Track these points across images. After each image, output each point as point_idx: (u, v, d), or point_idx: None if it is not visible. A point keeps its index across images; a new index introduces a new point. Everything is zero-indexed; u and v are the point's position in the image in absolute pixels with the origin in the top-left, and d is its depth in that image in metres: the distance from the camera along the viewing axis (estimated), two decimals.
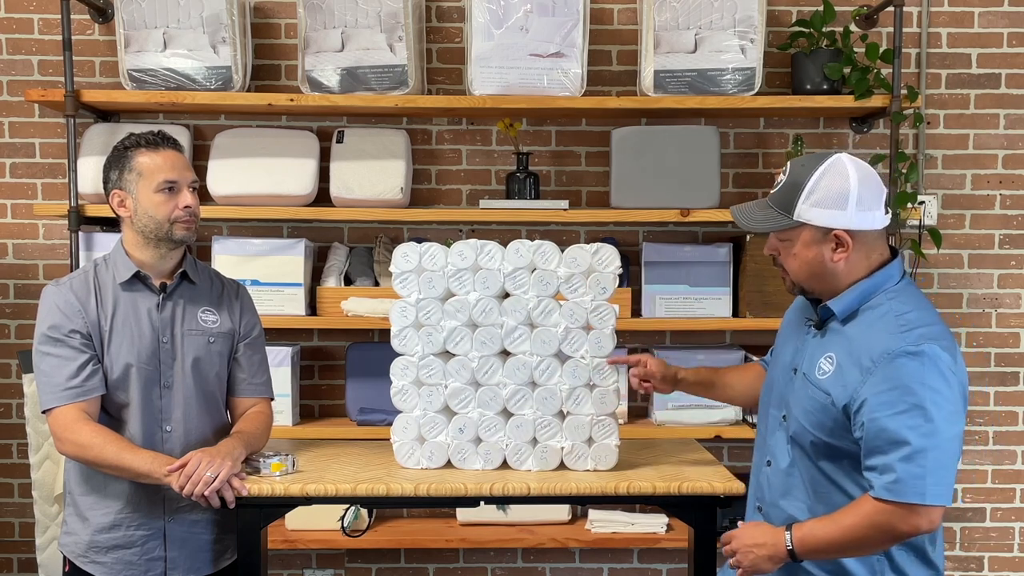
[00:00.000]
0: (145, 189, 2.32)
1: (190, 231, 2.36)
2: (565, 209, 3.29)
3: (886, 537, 1.89)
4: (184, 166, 2.37)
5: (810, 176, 1.96)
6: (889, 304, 1.96)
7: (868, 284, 1.98)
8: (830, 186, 1.95)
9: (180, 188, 2.34)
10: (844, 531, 1.91)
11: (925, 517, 1.86)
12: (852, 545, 1.92)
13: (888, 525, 1.87)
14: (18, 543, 3.55)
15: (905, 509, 1.85)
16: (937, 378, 1.86)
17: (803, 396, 2.02)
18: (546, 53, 3.21)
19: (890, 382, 1.87)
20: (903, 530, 1.88)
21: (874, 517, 1.87)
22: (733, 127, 3.56)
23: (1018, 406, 3.60)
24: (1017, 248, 3.58)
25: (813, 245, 1.98)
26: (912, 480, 1.84)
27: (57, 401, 2.28)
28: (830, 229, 1.96)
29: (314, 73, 3.26)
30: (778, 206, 2.00)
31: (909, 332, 1.90)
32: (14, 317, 3.54)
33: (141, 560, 2.35)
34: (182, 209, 2.33)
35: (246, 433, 2.41)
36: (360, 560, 3.59)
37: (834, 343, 2.00)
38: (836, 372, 1.96)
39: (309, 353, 3.57)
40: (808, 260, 1.99)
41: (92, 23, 3.47)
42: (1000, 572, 3.63)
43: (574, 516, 3.51)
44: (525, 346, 2.42)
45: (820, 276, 2.00)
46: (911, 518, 1.86)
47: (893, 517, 1.86)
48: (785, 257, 2.04)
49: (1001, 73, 3.55)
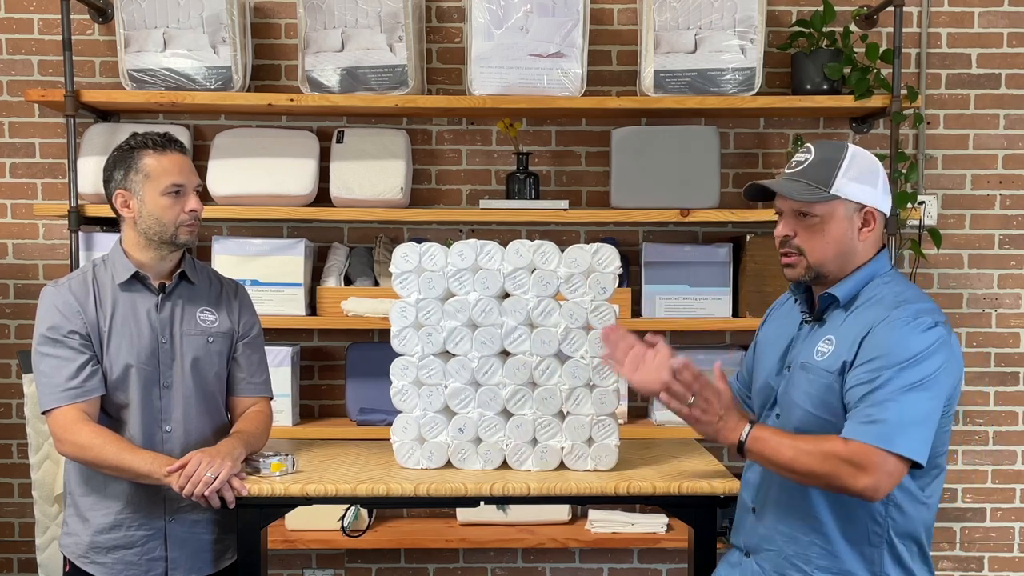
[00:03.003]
0: (151, 191, 2.32)
1: (193, 235, 2.37)
2: (565, 209, 3.29)
3: (832, 473, 1.87)
4: (190, 170, 2.38)
5: (845, 153, 2.02)
6: (886, 288, 2.01)
7: (868, 269, 2.03)
8: (864, 163, 2.02)
9: (187, 192, 2.34)
10: (796, 453, 1.91)
11: (881, 469, 1.84)
12: (795, 469, 1.92)
13: (840, 461, 1.85)
14: (18, 543, 3.55)
15: (864, 453, 1.84)
16: (928, 341, 1.89)
17: (804, 384, 2.02)
18: (546, 53, 3.21)
19: (883, 340, 1.90)
20: (850, 472, 1.85)
21: (832, 451, 1.87)
22: (733, 127, 3.56)
23: (1018, 406, 3.60)
24: (1017, 248, 3.58)
25: (844, 220, 2.01)
26: (879, 424, 1.85)
27: (57, 402, 2.28)
28: (863, 206, 2.01)
29: (314, 73, 3.26)
30: (813, 181, 2.00)
31: (907, 306, 1.94)
32: (14, 317, 3.54)
33: (142, 560, 2.35)
34: (187, 213, 2.33)
35: (246, 433, 2.41)
36: (360, 560, 3.59)
37: (832, 328, 2.02)
38: (835, 350, 1.98)
39: (309, 353, 3.57)
40: (838, 237, 2.01)
41: (92, 23, 3.47)
42: (1000, 572, 3.63)
43: (574, 516, 3.51)
44: (525, 346, 2.42)
45: (844, 255, 2.02)
46: (866, 463, 1.84)
47: (852, 456, 1.85)
48: (809, 236, 2.02)
49: (1001, 73, 3.55)
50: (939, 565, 3.62)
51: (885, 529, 1.98)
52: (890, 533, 1.98)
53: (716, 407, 2.00)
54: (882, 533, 1.98)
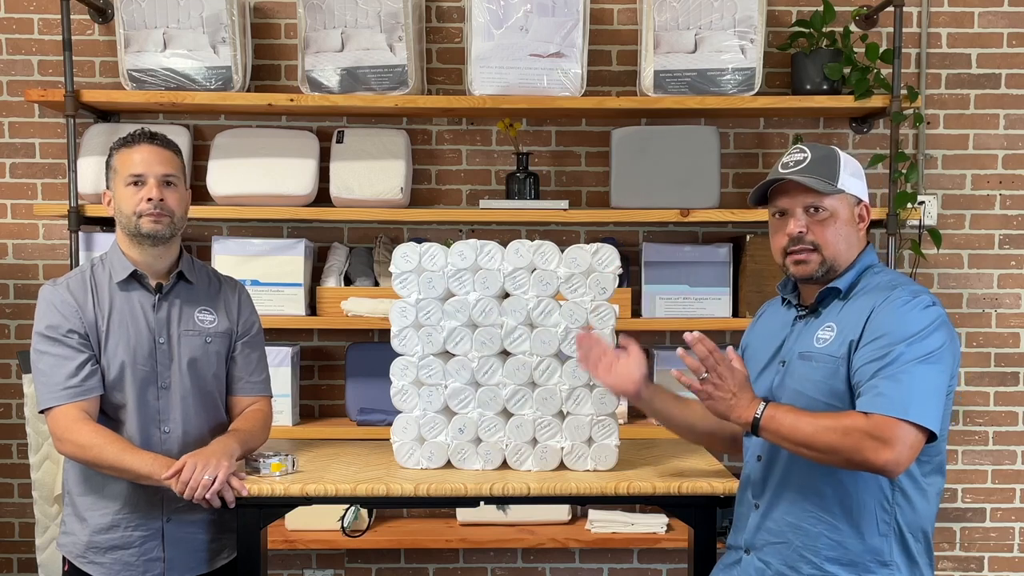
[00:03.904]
0: (119, 184, 2.35)
1: (159, 224, 2.32)
2: (565, 209, 3.29)
3: (855, 447, 1.87)
4: (156, 160, 2.34)
5: (837, 151, 2.09)
6: (878, 277, 2.07)
7: (863, 261, 2.09)
8: (853, 162, 2.11)
9: (146, 181, 2.32)
10: (816, 429, 1.90)
11: (903, 442, 1.85)
12: (815, 445, 1.91)
13: (863, 435, 1.85)
14: (18, 543, 3.55)
15: (886, 425, 1.85)
16: (931, 318, 1.93)
17: (806, 372, 2.03)
18: (546, 53, 3.21)
19: (887, 318, 1.94)
20: (873, 447, 1.85)
21: (853, 425, 1.87)
22: (733, 127, 3.56)
23: (1018, 406, 3.60)
24: (1017, 248, 3.58)
25: (848, 214, 2.08)
26: (896, 396, 1.86)
27: (56, 400, 2.28)
28: (860, 200, 2.09)
29: (314, 73, 3.26)
30: (821, 176, 2.04)
31: (905, 287, 2.00)
32: (14, 317, 3.54)
33: (139, 561, 2.35)
34: (147, 202, 2.30)
35: (242, 431, 2.41)
36: (360, 560, 3.59)
37: (830, 317, 2.05)
38: (838, 335, 2.00)
39: (309, 353, 3.57)
40: (845, 231, 2.06)
41: (92, 23, 3.47)
42: (1000, 572, 3.63)
43: (574, 516, 3.51)
44: (525, 346, 2.42)
45: (851, 248, 2.07)
46: (888, 435, 1.84)
47: (874, 429, 1.85)
48: (822, 230, 2.05)
49: (1001, 73, 3.55)
50: (939, 565, 3.62)
51: (892, 517, 1.99)
52: (898, 522, 1.99)
53: (730, 383, 1.99)
54: (890, 522, 1.99)
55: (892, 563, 2.00)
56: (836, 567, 2.00)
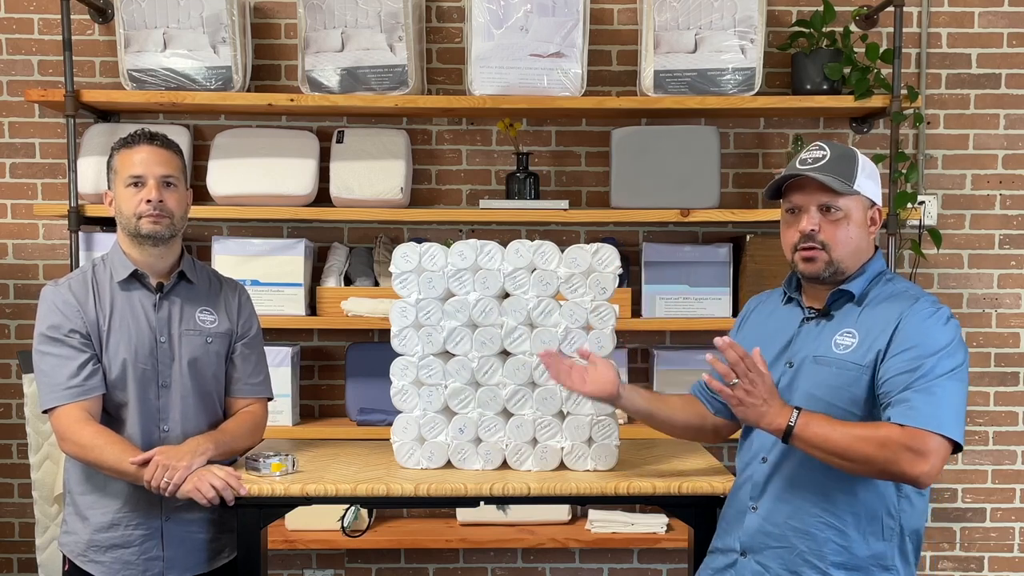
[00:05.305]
0: (119, 185, 2.36)
1: (159, 226, 2.33)
2: (565, 209, 3.29)
3: (891, 459, 1.86)
4: (156, 161, 2.35)
5: (855, 151, 2.07)
6: (893, 285, 2.07)
7: (875, 266, 2.08)
8: (870, 164, 2.07)
9: (145, 182, 2.33)
10: (851, 440, 1.89)
11: (937, 455, 1.86)
12: (849, 455, 1.90)
13: (900, 447, 1.85)
14: (18, 543, 3.55)
15: (921, 438, 1.85)
16: (952, 334, 1.96)
17: (822, 376, 2.02)
18: (546, 53, 3.21)
19: (915, 331, 1.95)
20: (910, 459, 1.85)
21: (889, 436, 1.87)
22: (733, 127, 3.56)
23: (1018, 406, 3.60)
24: (1017, 248, 3.58)
25: (861, 216, 2.06)
26: (929, 409, 1.87)
27: (58, 400, 2.29)
28: (874, 203, 2.08)
29: (314, 73, 3.26)
30: (839, 175, 2.03)
31: (924, 299, 2.01)
32: (14, 317, 3.54)
33: (139, 560, 2.36)
34: (146, 203, 2.31)
35: (223, 432, 2.41)
36: (360, 560, 3.59)
37: (847, 322, 2.04)
38: (861, 342, 2.00)
39: (309, 353, 3.57)
40: (856, 233, 2.05)
41: (92, 23, 3.47)
42: (1000, 572, 3.63)
43: (574, 516, 3.51)
44: (525, 346, 2.42)
45: (859, 251, 2.06)
46: (924, 448, 1.85)
47: (911, 441, 1.85)
48: (834, 231, 2.04)
49: (1001, 73, 3.55)
50: (939, 565, 3.62)
51: (897, 522, 2.00)
52: (901, 526, 2.01)
53: (761, 389, 1.96)
54: (895, 527, 2.00)
55: (893, 567, 2.01)
56: (841, 572, 2.00)
